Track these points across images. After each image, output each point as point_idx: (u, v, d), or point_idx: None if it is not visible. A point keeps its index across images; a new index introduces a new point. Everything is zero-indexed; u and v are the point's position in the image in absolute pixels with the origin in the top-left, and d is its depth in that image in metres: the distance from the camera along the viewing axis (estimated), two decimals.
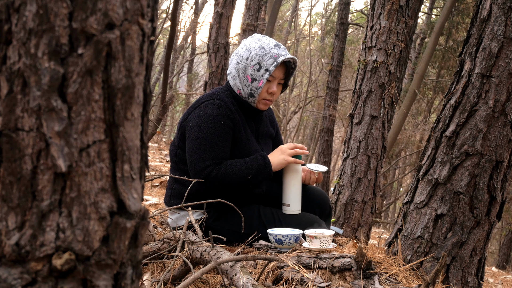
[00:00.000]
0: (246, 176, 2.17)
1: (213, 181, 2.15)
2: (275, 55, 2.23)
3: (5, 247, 0.63)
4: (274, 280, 1.76)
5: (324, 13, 17.04)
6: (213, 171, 2.15)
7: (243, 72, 2.26)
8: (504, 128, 1.81)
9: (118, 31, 0.64)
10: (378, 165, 3.27)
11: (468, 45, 1.90)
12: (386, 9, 3.20)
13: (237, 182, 2.17)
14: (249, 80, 2.26)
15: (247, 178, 2.17)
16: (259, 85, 2.24)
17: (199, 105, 2.24)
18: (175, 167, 2.35)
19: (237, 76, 2.28)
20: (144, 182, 0.72)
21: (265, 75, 2.23)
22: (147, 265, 2.00)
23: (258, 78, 2.24)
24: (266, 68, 2.23)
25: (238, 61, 2.28)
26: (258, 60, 2.23)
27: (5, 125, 0.62)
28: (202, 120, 2.19)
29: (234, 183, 2.17)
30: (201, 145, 2.17)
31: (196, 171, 2.17)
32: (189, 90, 15.23)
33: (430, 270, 1.85)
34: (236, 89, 2.30)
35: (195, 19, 14.74)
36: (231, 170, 2.16)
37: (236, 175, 2.16)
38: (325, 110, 8.70)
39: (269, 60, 2.22)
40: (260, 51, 2.23)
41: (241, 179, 2.17)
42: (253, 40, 2.30)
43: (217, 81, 5.56)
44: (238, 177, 2.16)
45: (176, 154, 2.32)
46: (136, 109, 0.68)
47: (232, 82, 2.31)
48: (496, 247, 11.67)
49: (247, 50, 2.27)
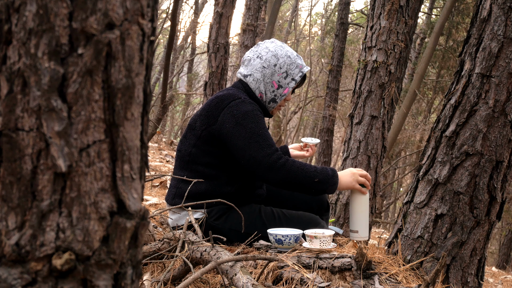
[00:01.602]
0: (313, 178, 2.14)
1: (282, 167, 2.12)
2: (300, 65, 2.36)
3: (5, 247, 0.63)
4: (274, 280, 1.76)
5: (324, 13, 17.04)
6: (281, 158, 2.14)
7: (270, 78, 2.32)
8: (504, 128, 1.81)
9: (118, 31, 0.64)
10: (378, 165, 3.27)
11: (468, 45, 1.90)
12: (386, 9, 3.20)
13: (303, 179, 2.13)
14: (275, 86, 2.33)
15: (313, 180, 2.14)
16: (283, 92, 2.34)
17: (227, 106, 2.21)
18: (185, 167, 2.31)
19: (262, 81, 2.33)
20: (144, 182, 0.72)
21: (291, 83, 2.34)
22: (147, 265, 2.00)
23: (284, 85, 2.34)
24: (293, 77, 2.34)
25: (265, 66, 2.31)
26: (286, 68, 2.33)
27: (5, 125, 0.62)
28: (240, 118, 2.18)
29: (300, 179, 2.13)
30: (252, 138, 2.15)
31: (261, 159, 2.13)
32: (189, 90, 15.23)
33: (430, 270, 1.85)
34: (258, 93, 2.34)
35: (195, 19, 14.75)
36: (300, 165, 2.15)
37: (304, 172, 2.14)
38: (325, 110, 8.71)
39: (295, 70, 2.34)
40: (287, 60, 2.33)
41: (307, 178, 2.14)
42: (277, 46, 2.35)
43: (217, 81, 5.56)
44: (305, 175, 2.14)
45: (190, 153, 2.28)
46: (136, 109, 0.68)
47: (254, 85, 2.33)
48: (496, 247, 11.67)
49: (274, 57, 2.31)
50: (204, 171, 2.26)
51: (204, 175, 2.26)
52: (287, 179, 2.14)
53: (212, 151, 2.25)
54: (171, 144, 9.70)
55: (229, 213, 2.25)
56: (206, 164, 2.26)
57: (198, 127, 2.28)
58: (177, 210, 2.32)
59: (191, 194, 2.24)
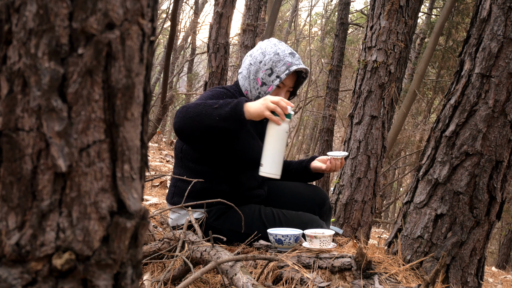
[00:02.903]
0: (212, 105, 1.95)
1: (182, 107, 1.98)
2: (288, 63, 2.24)
3: (5, 247, 0.63)
4: (274, 280, 1.76)
5: (324, 13, 17.03)
6: (186, 107, 1.99)
7: (254, 75, 2.27)
8: (504, 128, 1.81)
9: (118, 31, 0.64)
10: (378, 165, 3.27)
11: (468, 45, 1.90)
12: (386, 9, 3.20)
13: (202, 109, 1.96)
14: (259, 83, 2.27)
15: (213, 107, 1.95)
16: (267, 90, 2.25)
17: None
18: (180, 164, 2.32)
19: (247, 77, 2.29)
20: (144, 182, 0.72)
21: (275, 81, 2.24)
22: (147, 265, 2.00)
23: (268, 83, 2.25)
24: (278, 75, 2.24)
25: (251, 62, 2.29)
26: (271, 65, 2.24)
27: (5, 125, 0.62)
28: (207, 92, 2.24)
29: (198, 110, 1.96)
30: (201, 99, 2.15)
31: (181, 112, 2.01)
32: (189, 90, 15.23)
33: (430, 270, 1.85)
34: (244, 90, 2.32)
35: (195, 19, 14.74)
36: (198, 101, 2.03)
37: (203, 104, 1.97)
38: (325, 110, 8.70)
39: (281, 67, 2.24)
40: (274, 57, 2.25)
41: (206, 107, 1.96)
42: (269, 44, 2.31)
43: (217, 81, 5.56)
44: (204, 104, 1.97)
45: (181, 150, 2.30)
46: (136, 109, 0.68)
47: (241, 82, 2.32)
48: (496, 247, 11.67)
49: (261, 53, 2.28)
50: (195, 168, 2.26)
51: (195, 171, 2.26)
52: (187, 117, 1.96)
53: (198, 146, 2.26)
54: (171, 144, 9.70)
55: (228, 213, 2.25)
56: (195, 160, 2.27)
57: None
58: (176, 210, 2.32)
59: (189, 193, 2.24)
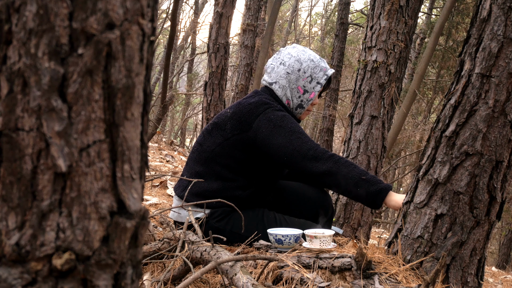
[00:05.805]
0: (361, 175, 2.06)
1: (330, 158, 2.07)
2: (324, 68, 2.31)
3: (5, 247, 0.63)
4: (274, 280, 1.76)
5: (324, 13, 17.03)
6: (328, 151, 2.10)
7: (295, 83, 2.29)
8: (504, 128, 1.81)
9: (118, 31, 0.64)
10: (378, 165, 3.27)
11: (468, 45, 1.90)
12: (386, 9, 3.20)
13: (350, 172, 2.06)
14: (301, 91, 2.29)
15: (360, 177, 2.06)
16: (310, 97, 2.31)
17: (262, 113, 2.20)
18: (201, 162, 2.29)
19: (287, 87, 2.29)
20: (144, 182, 0.72)
21: (316, 87, 2.30)
22: (147, 265, 2.00)
23: (310, 90, 2.30)
24: (318, 81, 2.30)
25: (289, 71, 2.28)
26: (311, 72, 2.28)
27: (5, 125, 0.62)
28: (278, 121, 2.16)
29: (347, 172, 2.05)
30: (294, 135, 2.13)
31: (306, 151, 2.09)
32: (189, 90, 15.23)
33: (430, 270, 1.85)
34: (285, 100, 2.31)
35: (195, 19, 14.74)
36: (351, 163, 2.10)
37: (353, 166, 2.07)
38: (325, 110, 8.70)
39: (319, 73, 2.30)
40: (311, 63, 2.29)
41: (355, 173, 2.06)
42: (299, 51, 2.32)
43: (217, 81, 5.56)
44: (354, 169, 2.07)
45: (213, 151, 2.26)
46: (136, 109, 0.68)
47: (281, 93, 2.30)
48: (496, 247, 11.67)
49: (297, 61, 2.28)
50: (220, 172, 2.24)
51: (220, 175, 2.24)
52: (333, 170, 2.06)
53: (236, 155, 2.23)
54: (171, 144, 9.70)
55: (231, 215, 2.25)
56: (225, 166, 2.24)
57: (228, 129, 2.24)
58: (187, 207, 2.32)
59: (202, 191, 2.23)
